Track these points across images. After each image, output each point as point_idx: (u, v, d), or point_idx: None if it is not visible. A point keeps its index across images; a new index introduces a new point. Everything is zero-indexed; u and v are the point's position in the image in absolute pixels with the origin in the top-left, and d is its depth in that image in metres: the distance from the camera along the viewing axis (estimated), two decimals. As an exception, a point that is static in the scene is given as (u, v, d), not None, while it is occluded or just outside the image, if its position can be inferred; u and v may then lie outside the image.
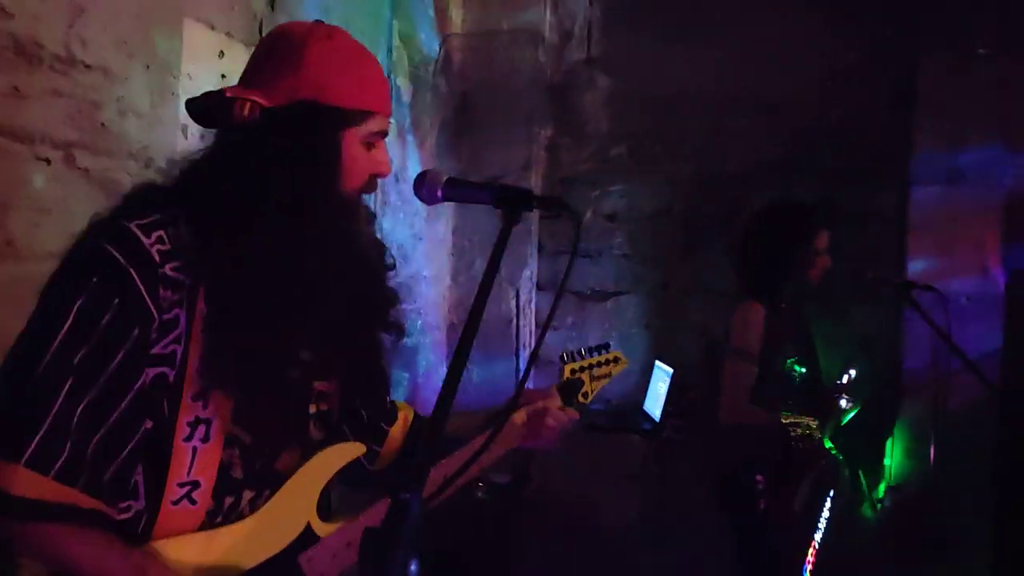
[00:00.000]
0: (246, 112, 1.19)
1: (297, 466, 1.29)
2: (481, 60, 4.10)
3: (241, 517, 1.23)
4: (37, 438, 1.03)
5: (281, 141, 1.18)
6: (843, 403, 2.77)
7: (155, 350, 1.11)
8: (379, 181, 1.33)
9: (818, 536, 2.65)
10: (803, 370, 2.81)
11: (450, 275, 4.14)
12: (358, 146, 1.25)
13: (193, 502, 1.16)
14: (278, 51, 1.25)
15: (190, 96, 1.26)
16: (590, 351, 1.75)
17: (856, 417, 2.99)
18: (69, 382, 1.05)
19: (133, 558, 1.11)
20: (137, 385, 1.10)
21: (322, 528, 1.30)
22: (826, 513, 2.70)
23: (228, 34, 2.45)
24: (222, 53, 2.43)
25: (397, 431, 1.60)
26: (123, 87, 2.06)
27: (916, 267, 3.48)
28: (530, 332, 4.11)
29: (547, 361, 4.13)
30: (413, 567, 0.76)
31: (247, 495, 1.24)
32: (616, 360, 1.78)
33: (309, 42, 1.23)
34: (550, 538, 3.53)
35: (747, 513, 2.68)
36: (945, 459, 3.04)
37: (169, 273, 1.11)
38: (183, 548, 1.17)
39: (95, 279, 1.08)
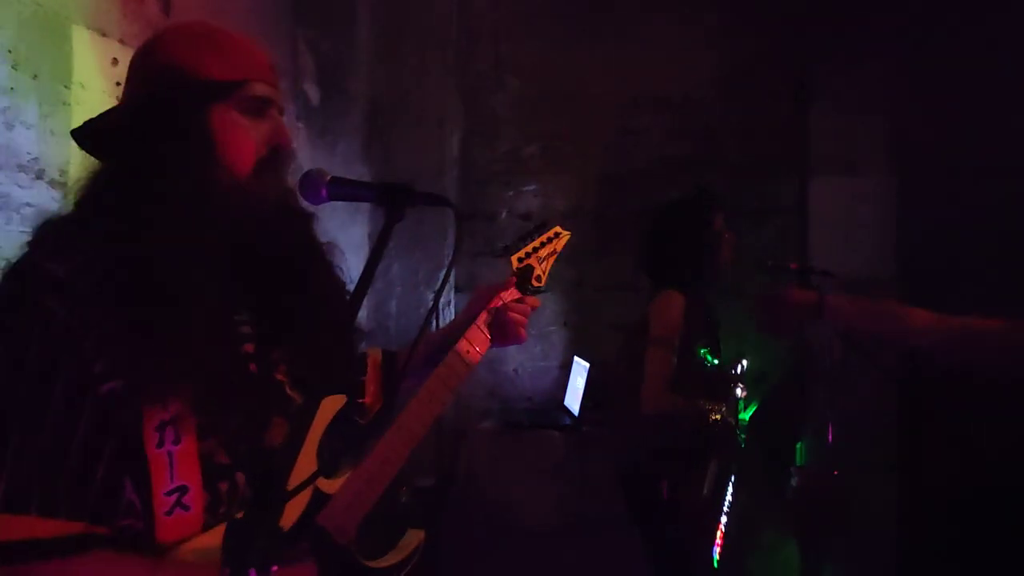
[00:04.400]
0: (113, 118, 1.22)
1: (287, 435, 1.24)
2: (390, 64, 4.10)
3: (245, 500, 1.18)
4: (4, 483, 1.01)
5: (142, 125, 1.19)
6: (739, 391, 2.82)
7: (97, 368, 1.07)
8: None
9: (724, 520, 2.68)
10: (715, 360, 2.86)
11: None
12: (234, 116, 1.22)
13: (186, 508, 1.12)
14: (134, 58, 1.27)
15: (82, 105, 1.25)
16: (530, 234, 1.68)
17: (768, 406, 3.07)
18: (19, 421, 1.03)
19: (141, 568, 1.09)
20: (89, 406, 1.06)
21: (329, 485, 1.27)
22: (729, 497, 2.73)
23: (121, 41, 2.39)
24: (116, 60, 2.38)
25: (371, 375, 1.58)
26: (9, 98, 2.00)
27: (817, 255, 3.62)
28: (449, 333, 4.12)
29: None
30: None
31: (241, 477, 1.19)
32: (557, 234, 1.71)
33: (160, 35, 1.26)
34: (476, 537, 3.53)
35: (649, 503, 2.71)
36: (847, 440, 3.16)
37: (82, 291, 1.07)
38: (192, 552, 1.13)
39: (9, 321, 1.06)
